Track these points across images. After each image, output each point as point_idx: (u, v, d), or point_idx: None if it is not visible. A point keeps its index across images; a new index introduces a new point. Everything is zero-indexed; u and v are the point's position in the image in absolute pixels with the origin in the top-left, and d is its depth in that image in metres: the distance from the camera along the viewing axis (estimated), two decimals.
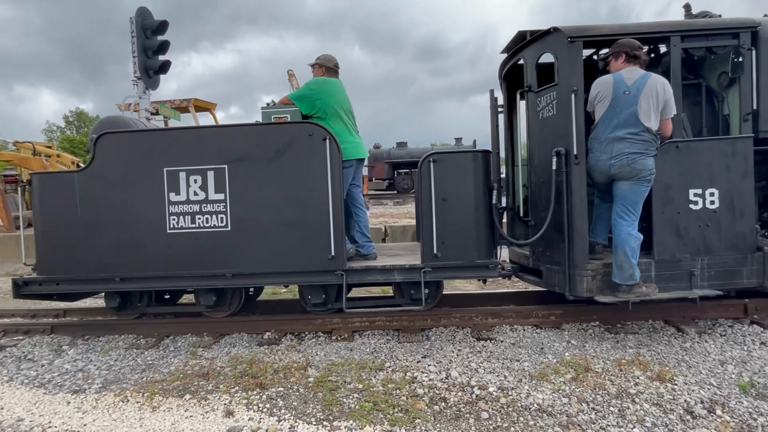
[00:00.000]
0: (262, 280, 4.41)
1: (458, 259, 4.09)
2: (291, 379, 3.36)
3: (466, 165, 4.18)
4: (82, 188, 4.21)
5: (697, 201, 3.86)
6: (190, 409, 2.99)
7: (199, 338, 4.40)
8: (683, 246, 3.87)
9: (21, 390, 3.39)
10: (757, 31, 3.92)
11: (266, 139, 4.10)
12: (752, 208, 3.90)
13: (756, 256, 3.87)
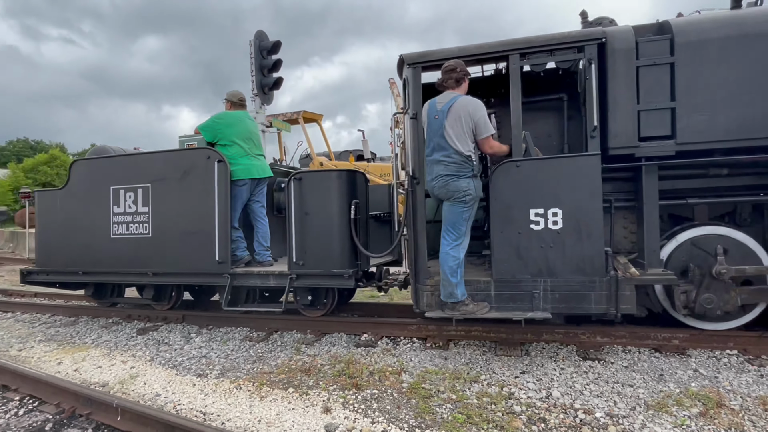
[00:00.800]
0: (172, 279, 5.10)
1: (318, 268, 4.43)
2: (385, 382, 3.43)
3: (326, 183, 4.53)
4: (62, 202, 5.49)
5: (538, 221, 3.66)
6: (292, 402, 3.20)
7: (303, 335, 4.70)
8: (524, 267, 3.68)
9: (159, 369, 3.94)
10: (604, 42, 3.66)
11: (177, 162, 4.93)
12: (600, 229, 3.56)
13: (605, 281, 3.50)
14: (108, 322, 5.61)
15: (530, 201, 3.69)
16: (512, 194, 3.73)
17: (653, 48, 3.63)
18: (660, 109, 3.62)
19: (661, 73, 3.61)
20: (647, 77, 3.64)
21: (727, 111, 3.51)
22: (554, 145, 4.66)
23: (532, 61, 3.89)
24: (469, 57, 3.95)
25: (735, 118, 3.50)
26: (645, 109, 3.63)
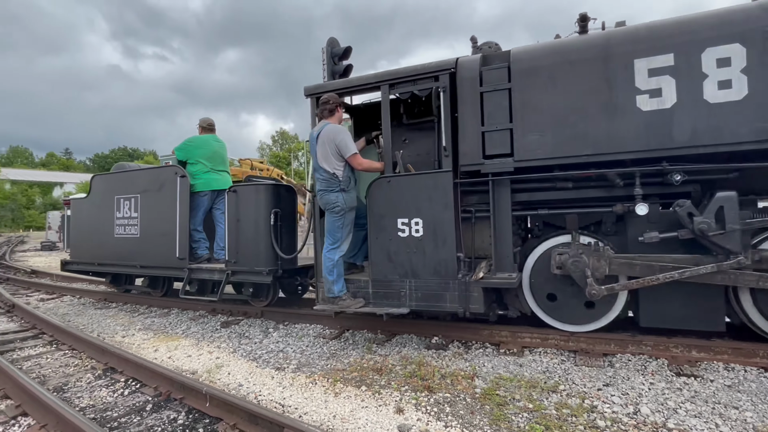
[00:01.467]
0: (151, 272, 6.32)
1: (245, 266, 5.33)
2: (458, 386, 3.37)
3: (252, 195, 5.38)
4: (85, 208, 7.01)
5: (404, 229, 4.20)
6: (365, 399, 3.25)
7: (374, 335, 4.77)
8: (394, 269, 4.25)
9: (241, 361, 4.19)
10: (454, 72, 4.11)
11: (156, 177, 6.09)
12: (453, 237, 4.01)
13: (458, 283, 3.97)
14: (195, 315, 6.07)
15: (398, 211, 4.26)
16: (384, 205, 4.32)
17: (494, 75, 4.01)
18: (500, 130, 3.97)
19: (500, 98, 3.97)
20: (489, 102, 4.01)
21: (555, 131, 3.79)
22: (432, 161, 4.95)
23: (399, 90, 4.41)
24: (352, 88, 4.66)
25: (561, 137, 3.76)
26: (488, 130, 4.01)
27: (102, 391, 3.63)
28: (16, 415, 3.16)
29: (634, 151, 3.59)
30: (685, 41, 3.45)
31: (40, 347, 4.91)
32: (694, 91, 3.43)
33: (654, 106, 3.54)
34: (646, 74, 3.56)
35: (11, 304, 6.83)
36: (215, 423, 2.99)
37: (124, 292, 7.43)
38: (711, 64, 3.39)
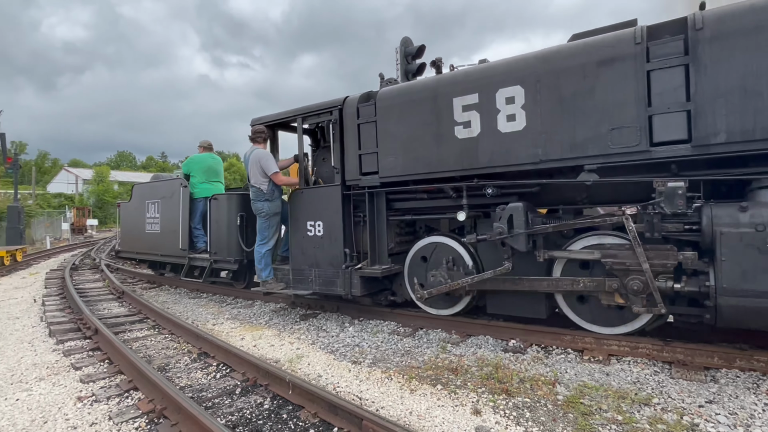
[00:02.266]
0: (166, 259, 8.02)
1: (221, 256, 6.80)
2: (538, 392, 3.24)
3: (224, 202, 6.79)
4: (129, 209, 9.00)
5: (311, 229, 5.37)
6: (441, 399, 3.24)
7: (448, 334, 4.73)
8: (305, 260, 5.44)
9: (320, 353, 4.36)
10: (342, 108, 5.18)
11: (169, 187, 7.85)
12: (341, 235, 5.12)
13: (342, 272, 5.08)
14: (276, 307, 6.43)
15: (307, 216, 5.47)
16: (298, 211, 5.58)
17: (366, 111, 5.01)
18: (370, 153, 4.98)
19: (370, 128, 4.97)
20: (363, 131, 5.03)
21: (403, 154, 4.73)
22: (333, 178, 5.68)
23: (308, 122, 5.68)
24: (279, 120, 5.92)
25: (407, 159, 4.71)
26: (363, 153, 5.04)
27: (197, 373, 3.97)
28: (129, 389, 3.56)
29: (454, 170, 4.45)
30: (486, 83, 4.23)
31: (145, 330, 5.47)
32: (491, 122, 4.20)
33: (466, 134, 4.35)
34: (460, 110, 4.37)
35: (121, 291, 7.69)
36: (297, 410, 3.14)
37: (160, 275, 9.19)
38: (502, 101, 4.14)
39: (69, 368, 4.12)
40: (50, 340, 5.05)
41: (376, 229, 5.16)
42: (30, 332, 5.46)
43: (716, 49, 3.26)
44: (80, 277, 10.03)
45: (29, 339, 5.15)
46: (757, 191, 3.26)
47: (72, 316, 6.05)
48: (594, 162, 3.75)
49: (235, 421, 3.02)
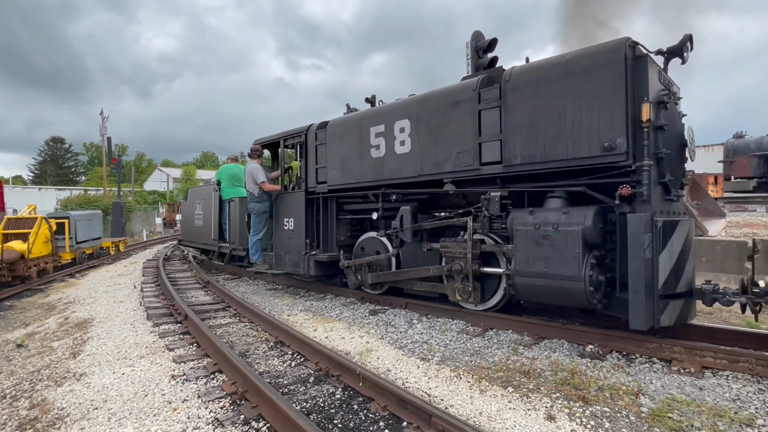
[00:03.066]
0: (206, 247, 10.77)
1: (235, 245, 8.91)
2: (619, 402, 3.05)
3: (236, 203, 8.83)
4: (185, 207, 12.15)
5: (286, 225, 7.23)
6: (513, 401, 3.16)
7: (519, 336, 4.58)
8: (282, 247, 7.30)
9: (388, 348, 4.43)
10: (307, 133, 6.97)
11: (207, 190, 10.24)
12: (303, 230, 6.87)
13: (303, 257, 6.82)
14: (347, 301, 6.61)
15: (284, 214, 7.25)
16: (279, 211, 7.37)
17: (321, 135, 6.68)
18: (322, 167, 6.62)
19: (323, 148, 6.62)
20: (319, 151, 6.71)
21: (341, 169, 6.34)
22: None
23: (288, 143, 7.37)
24: (269, 141, 7.77)
25: (343, 172, 6.32)
26: (317, 167, 6.68)
27: (274, 360, 4.20)
28: (214, 371, 3.86)
29: (370, 181, 5.96)
30: (388, 116, 5.70)
31: (228, 318, 5.89)
32: (391, 146, 5.64)
33: (377, 155, 5.83)
34: (374, 136, 5.86)
35: (206, 281, 8.34)
36: (368, 402, 3.22)
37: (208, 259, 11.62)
38: (398, 130, 5.54)
39: (164, 349, 4.55)
40: (148, 323, 5.61)
41: (327, 225, 6.93)
42: (132, 315, 6.10)
43: (515, 96, 4.46)
44: (171, 267, 11.01)
45: (131, 321, 5.76)
46: (548, 200, 4.39)
47: (165, 302, 6.67)
48: (449, 177, 5.09)
49: (309, 408, 3.17)
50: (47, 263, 10.38)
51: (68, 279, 10.32)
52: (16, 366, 4.42)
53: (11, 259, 8.80)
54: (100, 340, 4.94)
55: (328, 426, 2.92)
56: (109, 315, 6.16)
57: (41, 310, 7.23)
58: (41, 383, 3.85)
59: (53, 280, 10.06)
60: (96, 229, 14.10)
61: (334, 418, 3.02)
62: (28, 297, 8.45)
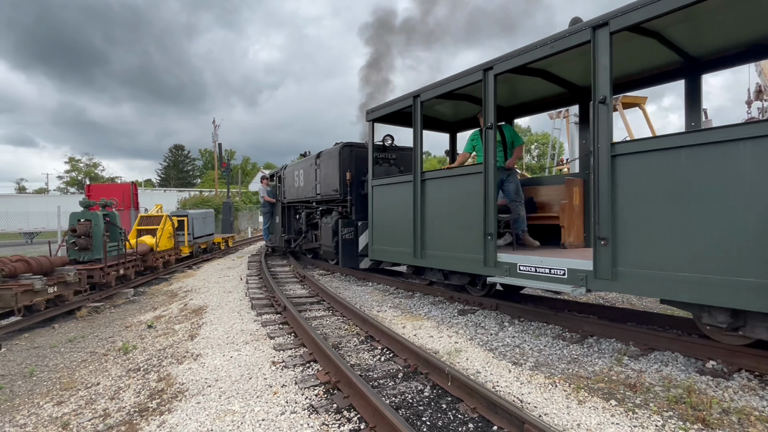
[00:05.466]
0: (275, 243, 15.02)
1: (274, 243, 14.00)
2: (749, 429, 2.65)
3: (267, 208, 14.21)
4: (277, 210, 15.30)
5: (276, 219, 13.43)
6: (616, 415, 2.90)
7: (625, 345, 4.20)
8: (276, 233, 13.41)
9: (478, 349, 4.33)
10: (280, 172, 13.55)
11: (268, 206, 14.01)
12: (281, 222, 12.80)
13: (279, 238, 12.92)
14: (435, 300, 6.59)
15: (275, 213, 13.63)
16: (274, 212, 13.68)
17: (282, 174, 13.32)
18: (284, 190, 12.82)
19: (282, 181, 13.12)
20: (284, 181, 12.86)
21: (290, 191, 12.24)
22: None
23: (276, 175, 14.19)
24: (270, 173, 15.46)
25: (291, 193, 12.12)
26: (284, 190, 12.76)
27: (364, 354, 4.33)
28: (309, 361, 4.09)
29: (298, 199, 11.61)
30: (296, 166, 11.73)
31: (322, 311, 6.20)
32: (299, 181, 11.42)
33: (299, 184, 11.38)
34: (295, 176, 11.78)
35: (302, 276, 8.86)
36: (456, 402, 3.18)
37: None
38: (300, 173, 11.34)
39: (266, 337, 4.92)
40: (252, 312, 6.11)
41: (290, 221, 12.60)
42: (238, 304, 6.70)
43: (322, 161, 9.93)
44: (272, 262, 11.89)
45: (238, 309, 6.33)
46: (328, 211, 10.04)
47: (267, 294, 7.21)
48: (313, 198, 10.42)
49: (398, 403, 3.21)
50: (170, 256, 11.81)
51: (187, 270, 11.64)
52: (147, 344, 5.09)
53: (144, 252, 10.15)
54: (212, 326, 5.49)
55: (416, 423, 2.94)
56: (219, 303, 6.83)
57: (166, 296, 8.24)
58: (166, 360, 4.39)
59: (175, 271, 11.41)
60: (209, 226, 15.73)
61: (422, 416, 3.03)
62: (155, 285, 9.69)
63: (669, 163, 3.51)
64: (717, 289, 3.23)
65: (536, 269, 4.60)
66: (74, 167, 57.47)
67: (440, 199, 5.88)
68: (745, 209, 3.13)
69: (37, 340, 5.65)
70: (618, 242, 3.83)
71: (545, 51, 4.41)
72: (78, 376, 4.31)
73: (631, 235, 3.75)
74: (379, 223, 7.30)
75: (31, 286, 6.18)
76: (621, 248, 3.81)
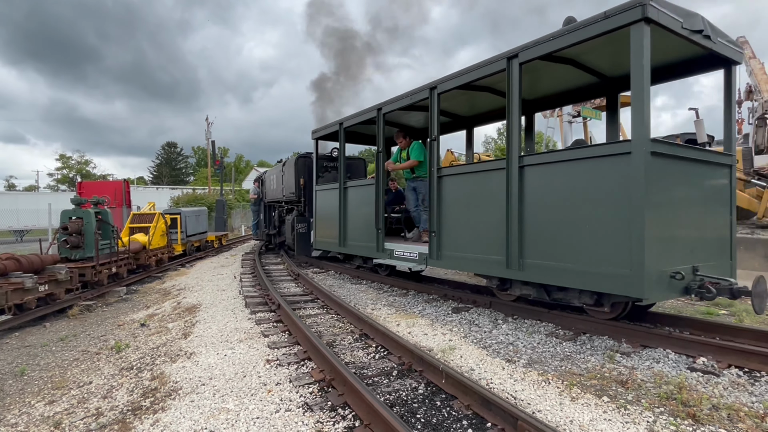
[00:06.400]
0: None
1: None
2: (739, 424, 2.69)
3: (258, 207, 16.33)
4: None
5: (261, 216, 15.28)
6: (608, 412, 2.93)
7: (617, 343, 4.24)
8: (261, 227, 15.48)
9: (472, 347, 4.35)
10: (262, 175, 16.12)
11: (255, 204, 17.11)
12: (263, 219, 14.91)
13: (263, 231, 15.13)
14: (429, 298, 6.61)
15: (260, 212, 15.69)
16: (258, 210, 15.77)
17: (264, 176, 15.90)
18: (268, 191, 14.58)
19: (263, 184, 15.52)
20: (266, 184, 15.12)
21: (270, 192, 14.13)
22: None
23: (260, 179, 16.51)
24: (257, 177, 17.71)
25: (271, 194, 13.85)
26: (265, 191, 14.99)
27: (359, 352, 4.34)
28: (304, 359, 4.09)
29: (276, 198, 13.11)
30: (271, 172, 14.25)
31: (316, 309, 6.20)
32: (273, 185, 13.50)
33: (273, 187, 13.46)
34: (271, 180, 13.96)
35: (297, 274, 8.85)
36: (451, 400, 3.19)
37: None
38: (273, 178, 13.60)
39: (260, 335, 4.91)
40: (246, 310, 6.09)
41: (270, 218, 14.13)
42: (232, 302, 6.68)
43: (285, 169, 12.04)
44: (266, 260, 11.85)
45: (232, 308, 6.31)
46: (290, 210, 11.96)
47: (261, 292, 7.19)
48: (283, 199, 12.15)
49: (392, 401, 3.22)
50: (163, 254, 11.73)
51: (180, 268, 11.58)
52: (140, 342, 5.07)
53: (136, 250, 10.08)
54: (206, 324, 5.47)
55: (411, 420, 2.95)
56: (213, 302, 6.80)
57: (159, 294, 8.19)
58: (160, 359, 4.37)
59: (168, 269, 11.34)
60: (202, 224, 15.63)
61: (416, 413, 3.04)
62: (148, 283, 9.63)
63: (464, 183, 5.51)
64: (485, 263, 5.13)
65: (403, 253, 6.55)
66: (65, 164, 56.91)
67: (353, 202, 7.88)
68: (493, 212, 4.96)
69: (28, 339, 5.60)
70: (441, 234, 5.75)
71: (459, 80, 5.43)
72: (70, 375, 4.28)
73: (447, 230, 5.67)
74: (320, 219, 9.27)
75: (22, 285, 6.12)
76: (443, 238, 5.73)
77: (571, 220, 4.16)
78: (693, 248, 4.10)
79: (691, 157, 4.10)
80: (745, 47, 13.52)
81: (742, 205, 9.63)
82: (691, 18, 3.95)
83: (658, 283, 3.69)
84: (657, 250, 3.68)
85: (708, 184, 4.35)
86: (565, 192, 4.22)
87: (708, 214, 4.33)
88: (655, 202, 3.68)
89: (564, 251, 4.21)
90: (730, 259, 4.52)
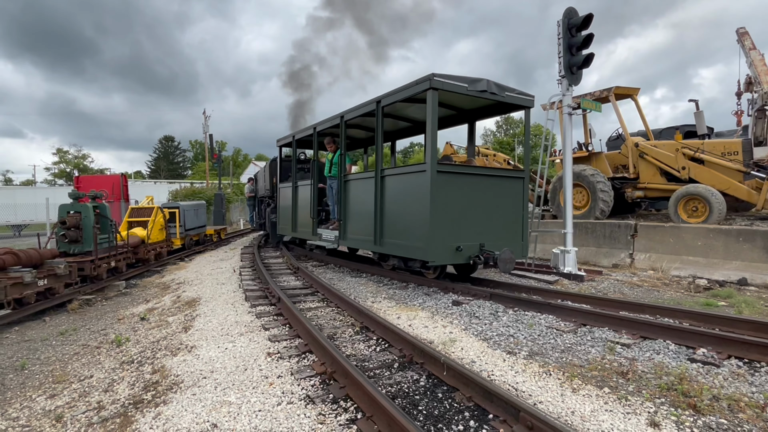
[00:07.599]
0: None
1: None
2: (739, 414, 2.71)
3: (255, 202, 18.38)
4: None
5: (255, 209, 17.26)
6: (609, 402, 2.94)
7: (617, 334, 4.26)
8: (255, 218, 17.54)
9: (472, 339, 4.36)
10: (255, 174, 18.50)
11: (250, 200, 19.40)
12: (256, 210, 17.13)
13: (256, 220, 17.10)
14: (429, 290, 6.62)
15: (254, 205, 17.72)
16: (254, 203, 17.54)
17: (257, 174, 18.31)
18: (259, 187, 16.18)
19: (255, 182, 17.83)
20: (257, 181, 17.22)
21: (261, 188, 15.43)
22: None
23: (254, 177, 19.13)
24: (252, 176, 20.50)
25: (261, 190, 15.53)
26: (257, 188, 16.77)
27: (360, 344, 4.34)
28: (305, 352, 4.09)
29: (263, 194, 15.01)
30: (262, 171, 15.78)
31: (316, 302, 6.20)
32: (261, 181, 15.45)
33: (261, 184, 15.76)
34: (260, 176, 16.19)
35: (296, 267, 8.84)
36: (452, 392, 3.20)
37: None
38: (260, 176, 16.15)
39: (260, 328, 4.91)
40: (246, 304, 6.09)
41: (260, 210, 15.68)
42: (232, 296, 6.67)
43: (266, 169, 14.67)
44: (265, 254, 11.84)
45: (232, 301, 6.31)
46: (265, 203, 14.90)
47: (261, 285, 7.19)
48: (266, 194, 14.25)
49: (394, 393, 3.23)
50: (162, 248, 11.71)
51: (179, 262, 11.56)
52: (140, 336, 5.06)
53: (135, 244, 10.05)
54: (206, 318, 5.47)
55: (413, 411, 2.96)
56: (213, 295, 6.80)
57: (158, 288, 8.19)
58: (160, 352, 4.37)
59: (167, 263, 11.33)
60: (201, 218, 15.60)
61: (418, 405, 3.05)
62: (147, 277, 9.62)
63: (356, 185, 7.77)
64: (367, 242, 7.22)
65: (327, 237, 8.56)
66: (62, 159, 56.63)
67: (300, 198, 10.25)
68: (370, 206, 7.08)
69: (28, 334, 5.59)
70: (345, 222, 7.97)
71: None
72: (71, 369, 4.28)
73: (348, 218, 7.93)
74: (281, 210, 11.77)
75: (21, 279, 6.10)
76: (347, 224, 7.95)
77: (403, 211, 6.38)
78: (480, 231, 6.16)
79: (469, 173, 6.26)
80: (745, 38, 13.43)
81: (741, 197, 9.65)
82: (475, 83, 5.97)
83: (443, 253, 5.87)
84: (441, 232, 5.82)
85: (497, 191, 6.37)
86: (401, 192, 6.47)
87: (499, 210, 6.37)
88: (439, 200, 5.77)
89: (401, 232, 6.42)
90: (521, 240, 6.62)
